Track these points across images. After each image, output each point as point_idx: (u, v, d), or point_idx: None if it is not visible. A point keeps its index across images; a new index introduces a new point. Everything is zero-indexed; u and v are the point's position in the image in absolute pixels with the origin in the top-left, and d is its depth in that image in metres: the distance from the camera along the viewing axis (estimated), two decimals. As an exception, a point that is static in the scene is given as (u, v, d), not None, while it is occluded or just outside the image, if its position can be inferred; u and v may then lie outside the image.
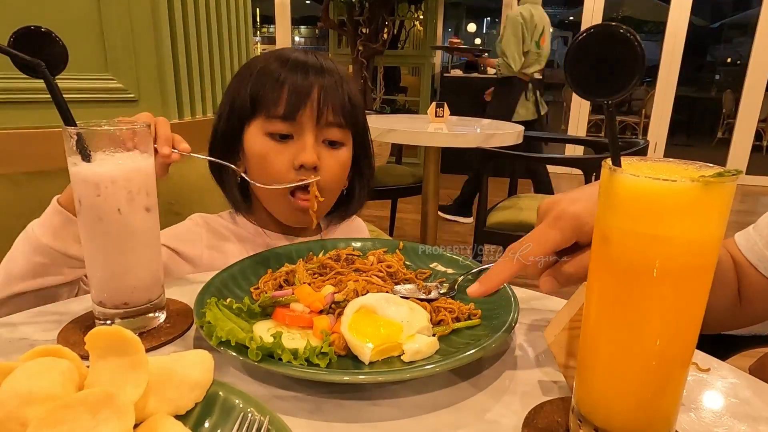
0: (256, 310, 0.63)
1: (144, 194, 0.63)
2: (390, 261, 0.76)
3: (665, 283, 0.39)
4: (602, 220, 0.42)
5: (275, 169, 0.89)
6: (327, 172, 0.91)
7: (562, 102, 7.77)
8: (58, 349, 0.42)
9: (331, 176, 0.92)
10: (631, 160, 0.43)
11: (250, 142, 0.91)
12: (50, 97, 0.61)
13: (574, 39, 0.43)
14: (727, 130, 6.72)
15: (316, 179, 0.88)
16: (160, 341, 0.63)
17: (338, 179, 0.95)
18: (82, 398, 0.37)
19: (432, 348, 0.58)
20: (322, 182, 0.90)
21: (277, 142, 0.89)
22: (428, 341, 0.58)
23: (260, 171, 0.91)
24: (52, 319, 0.68)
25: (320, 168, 0.89)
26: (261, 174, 0.90)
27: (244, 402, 0.45)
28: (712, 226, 0.38)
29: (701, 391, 0.56)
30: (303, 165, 0.88)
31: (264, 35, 11.03)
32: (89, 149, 0.59)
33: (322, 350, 0.54)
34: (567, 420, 0.49)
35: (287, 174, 0.89)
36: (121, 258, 0.63)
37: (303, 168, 0.88)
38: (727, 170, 0.37)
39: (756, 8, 5.38)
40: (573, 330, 0.58)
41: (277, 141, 0.89)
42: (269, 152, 0.89)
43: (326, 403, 0.53)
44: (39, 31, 0.62)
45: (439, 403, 0.53)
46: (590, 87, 0.43)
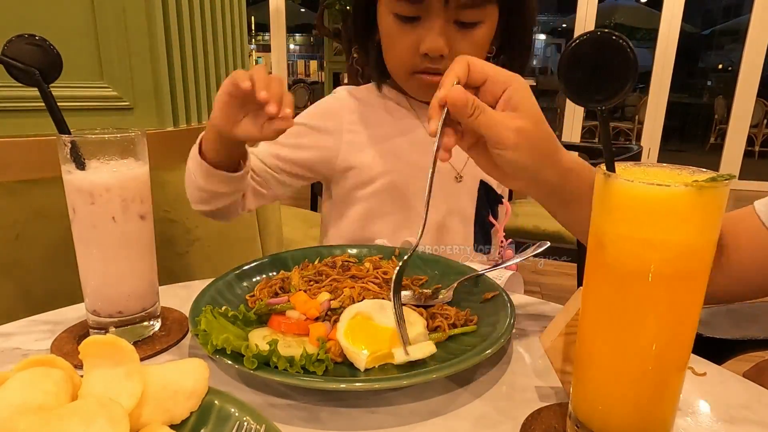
0: (252, 318, 0.62)
1: (138, 202, 0.63)
2: (386, 267, 0.76)
3: (660, 288, 0.40)
4: (597, 225, 0.42)
5: (398, 53, 0.86)
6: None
7: (556, 108, 7.81)
8: (52, 358, 0.41)
9: None
10: (625, 166, 0.43)
11: (380, 19, 0.88)
12: (44, 105, 0.61)
13: (567, 46, 0.43)
14: (720, 136, 6.77)
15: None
16: (155, 350, 0.63)
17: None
18: (75, 408, 0.37)
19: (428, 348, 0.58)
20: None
21: (403, 24, 0.84)
22: (423, 347, 0.58)
23: (387, 49, 0.89)
24: (46, 329, 0.68)
25: (449, 55, 0.83)
26: (386, 53, 0.89)
27: (239, 411, 0.44)
28: (705, 231, 0.39)
29: (697, 395, 0.56)
30: (427, 52, 0.82)
31: (259, 43, 11.05)
32: (83, 157, 0.59)
33: (318, 358, 0.53)
34: (564, 425, 0.49)
35: (411, 60, 0.85)
36: (115, 266, 0.63)
37: (427, 55, 0.83)
38: (720, 175, 0.38)
39: (746, 15, 5.44)
40: (569, 335, 0.59)
41: (402, 22, 0.84)
42: (393, 34, 0.85)
43: (322, 411, 0.52)
44: (33, 40, 0.61)
45: (435, 410, 0.53)
46: (584, 93, 0.44)
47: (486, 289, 0.72)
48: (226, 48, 1.43)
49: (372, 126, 0.96)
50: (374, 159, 0.94)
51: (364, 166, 0.95)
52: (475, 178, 0.97)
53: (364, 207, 0.96)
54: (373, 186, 0.95)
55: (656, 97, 5.80)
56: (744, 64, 5.46)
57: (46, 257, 1.05)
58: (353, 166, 0.95)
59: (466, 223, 0.98)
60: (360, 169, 0.95)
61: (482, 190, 0.98)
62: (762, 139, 7.13)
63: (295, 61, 13.36)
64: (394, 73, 0.93)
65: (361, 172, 0.95)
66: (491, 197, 0.99)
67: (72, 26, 1.05)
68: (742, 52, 5.44)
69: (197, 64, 1.30)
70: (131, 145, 0.62)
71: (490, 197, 0.99)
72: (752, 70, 5.46)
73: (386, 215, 0.95)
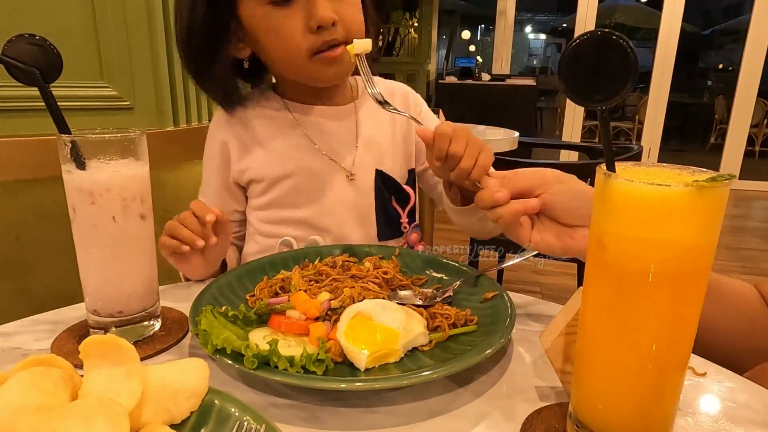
0: (252, 318, 0.63)
1: (139, 201, 0.63)
2: (386, 267, 0.76)
3: (660, 288, 0.40)
4: (597, 224, 0.42)
5: (289, 38, 0.81)
6: (348, 21, 0.82)
7: (557, 108, 7.81)
8: (52, 358, 0.41)
9: (353, 25, 0.83)
10: (625, 166, 0.43)
11: (250, 19, 0.82)
12: (45, 105, 0.61)
13: (567, 45, 0.43)
14: (720, 136, 6.77)
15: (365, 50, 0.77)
16: (155, 350, 0.63)
17: (360, 25, 0.86)
18: (75, 408, 0.37)
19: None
20: (346, 35, 0.82)
21: (281, 7, 0.80)
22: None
23: (273, 47, 0.84)
24: (46, 329, 0.68)
25: (339, 21, 0.81)
26: (275, 50, 0.84)
27: (240, 410, 0.44)
28: (706, 231, 0.39)
29: (698, 395, 0.56)
30: (320, 24, 0.79)
31: (259, 43, 11.04)
32: (84, 157, 0.59)
33: (318, 357, 0.53)
34: (564, 425, 0.49)
35: (305, 40, 0.81)
36: (115, 266, 0.63)
37: (321, 28, 0.80)
38: (720, 175, 0.38)
39: (746, 15, 5.44)
40: (569, 335, 0.59)
41: (280, 6, 0.80)
42: (276, 25, 0.81)
43: (323, 410, 0.52)
44: (33, 39, 0.61)
45: (436, 410, 0.53)
46: (584, 93, 0.43)
47: (486, 289, 0.72)
48: (227, 48, 1.43)
49: (254, 136, 0.94)
50: (263, 167, 0.92)
51: (257, 175, 0.93)
52: (369, 169, 0.95)
53: (264, 214, 0.95)
54: (270, 194, 0.93)
55: (656, 96, 5.80)
56: (744, 64, 5.46)
57: (46, 257, 1.05)
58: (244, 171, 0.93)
59: (367, 219, 0.95)
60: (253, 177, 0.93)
61: (378, 180, 0.95)
62: (762, 139, 7.12)
63: (296, 61, 13.28)
64: (290, 64, 0.86)
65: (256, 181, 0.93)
66: (390, 185, 0.97)
67: (72, 26, 1.05)
68: (743, 52, 5.44)
69: (197, 63, 1.29)
70: (131, 144, 0.62)
71: (390, 185, 0.97)
72: (753, 69, 5.46)
73: (285, 220, 0.93)
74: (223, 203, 0.96)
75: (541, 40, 13.97)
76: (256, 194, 0.95)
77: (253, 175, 0.93)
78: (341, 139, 0.95)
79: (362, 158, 0.95)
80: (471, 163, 0.71)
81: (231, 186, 0.96)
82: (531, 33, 13.70)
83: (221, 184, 0.97)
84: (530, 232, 0.65)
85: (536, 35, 13.86)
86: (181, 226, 0.76)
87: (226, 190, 0.97)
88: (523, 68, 12.19)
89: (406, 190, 0.99)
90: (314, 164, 0.93)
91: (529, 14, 13.22)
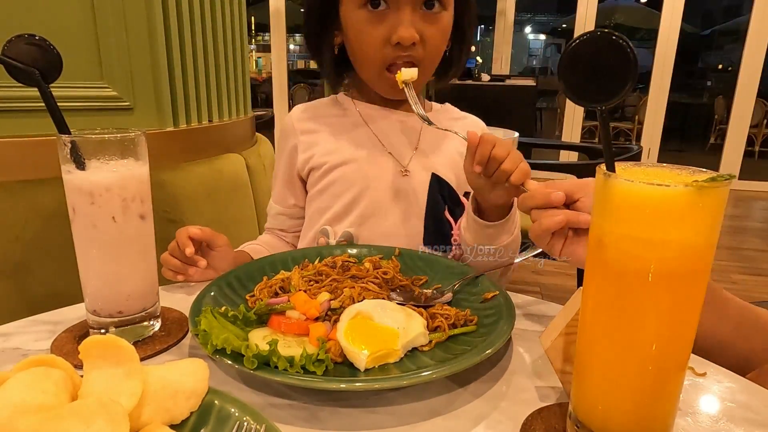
0: (252, 318, 0.62)
1: (138, 202, 0.63)
2: (386, 267, 0.76)
3: (660, 287, 0.40)
4: (597, 224, 0.42)
5: (368, 44, 0.86)
6: (428, 45, 0.87)
7: (556, 108, 7.81)
8: (52, 358, 0.41)
9: (433, 49, 0.88)
10: (625, 166, 0.43)
11: (346, 15, 0.88)
12: (44, 105, 0.61)
13: (567, 46, 0.43)
14: (720, 136, 6.77)
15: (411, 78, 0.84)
16: (155, 350, 0.63)
17: (440, 50, 0.91)
18: (75, 408, 0.37)
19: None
20: (424, 58, 0.87)
21: (372, 16, 0.85)
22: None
23: (355, 45, 0.89)
24: (46, 329, 0.68)
25: (419, 42, 0.85)
26: (355, 49, 0.89)
27: (239, 411, 0.44)
28: (705, 230, 0.39)
29: (698, 395, 0.56)
30: (399, 42, 0.83)
31: (259, 43, 11.05)
32: (83, 157, 0.59)
33: (318, 357, 0.53)
34: (564, 425, 0.49)
35: (382, 50, 0.85)
36: (115, 266, 0.63)
37: (399, 45, 0.84)
38: (719, 175, 0.38)
39: (746, 15, 5.44)
40: (569, 335, 0.59)
41: (371, 15, 0.85)
42: (363, 28, 0.86)
43: (322, 410, 0.52)
44: (33, 40, 0.62)
45: (436, 410, 0.53)
46: (584, 93, 0.44)
47: (486, 289, 0.72)
48: (226, 48, 1.43)
49: (320, 128, 0.99)
50: (324, 155, 0.96)
51: (317, 162, 0.97)
52: (425, 170, 0.96)
53: (316, 203, 0.98)
54: (324, 180, 0.96)
55: (656, 97, 5.80)
56: (744, 64, 5.46)
57: (46, 257, 1.05)
58: (307, 161, 0.98)
59: (414, 218, 0.95)
60: (314, 164, 0.97)
61: (434, 184, 0.96)
62: (762, 139, 7.12)
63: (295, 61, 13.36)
64: (366, 68, 0.92)
65: (316, 169, 0.97)
66: (447, 193, 0.97)
67: (72, 26, 1.05)
68: (742, 52, 5.44)
69: (197, 64, 1.30)
70: (131, 145, 0.62)
71: (445, 192, 0.97)
72: (752, 70, 5.45)
73: (330, 207, 0.96)
74: (283, 197, 1.04)
75: (540, 41, 13.98)
76: (313, 182, 0.98)
77: (314, 163, 0.97)
78: (403, 142, 0.98)
79: (420, 159, 0.98)
80: (513, 166, 0.72)
81: (294, 179, 1.01)
82: (531, 33, 13.71)
83: (285, 179, 1.03)
84: (563, 243, 0.63)
85: (536, 36, 13.87)
86: (170, 258, 0.81)
87: (288, 184, 1.03)
88: (522, 69, 12.19)
89: (464, 202, 0.98)
90: (371, 154, 0.96)
91: (528, 15, 13.22)
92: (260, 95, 8.46)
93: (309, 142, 0.99)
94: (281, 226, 1.06)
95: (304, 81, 9.37)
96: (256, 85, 9.06)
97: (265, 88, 7.98)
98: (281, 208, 1.05)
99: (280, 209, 1.05)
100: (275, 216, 1.06)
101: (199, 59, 1.30)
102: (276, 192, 1.06)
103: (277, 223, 1.06)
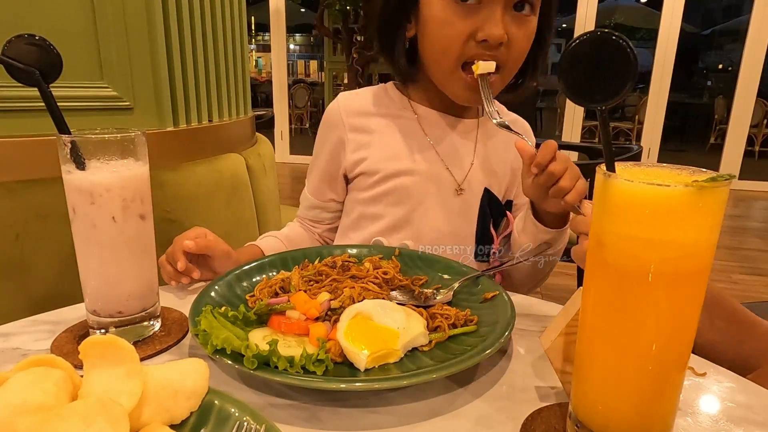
0: (252, 318, 0.62)
1: (138, 202, 0.63)
2: (386, 267, 0.76)
3: (660, 287, 0.40)
4: (597, 224, 0.42)
5: (450, 37, 0.80)
6: (514, 48, 0.82)
7: (556, 108, 7.80)
8: (52, 358, 0.41)
9: (518, 53, 0.83)
10: (625, 166, 0.43)
11: (428, 5, 0.82)
12: (44, 105, 0.61)
13: (567, 46, 0.43)
14: (720, 136, 6.77)
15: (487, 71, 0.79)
16: (155, 350, 0.63)
17: (524, 54, 0.85)
18: (75, 408, 0.37)
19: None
20: (508, 60, 0.82)
21: (460, 8, 0.79)
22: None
23: (433, 38, 0.83)
24: (46, 329, 0.68)
25: (506, 43, 0.80)
26: (433, 42, 0.83)
27: (239, 411, 0.44)
28: (705, 231, 0.39)
29: (698, 395, 0.56)
30: (487, 39, 0.78)
31: (259, 43, 11.07)
32: (83, 157, 0.59)
33: (318, 358, 0.53)
34: (564, 425, 0.49)
35: (464, 46, 0.80)
36: (115, 266, 0.63)
37: (486, 42, 0.79)
38: (719, 175, 0.38)
39: (746, 15, 5.44)
40: (569, 335, 0.58)
41: (459, 7, 0.79)
42: (447, 20, 0.80)
43: (322, 411, 0.52)
44: (33, 40, 0.62)
45: (436, 410, 0.53)
46: (584, 93, 0.43)
47: (486, 289, 0.72)
48: (226, 48, 1.43)
49: (373, 128, 0.95)
50: (379, 161, 0.93)
51: (370, 168, 0.93)
52: (479, 186, 0.95)
53: (367, 209, 0.95)
54: (378, 188, 0.93)
55: (656, 97, 5.79)
56: (744, 64, 5.46)
57: (46, 257, 1.05)
58: (358, 163, 0.94)
59: (465, 235, 0.95)
60: (366, 169, 0.94)
61: (485, 200, 0.95)
62: (762, 139, 7.13)
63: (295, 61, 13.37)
64: (440, 64, 0.86)
65: (368, 174, 0.94)
66: (494, 207, 0.97)
67: (72, 26, 1.05)
68: (742, 52, 5.44)
69: (197, 64, 1.30)
70: (131, 145, 0.62)
71: (493, 207, 0.96)
72: (752, 70, 5.45)
73: (385, 217, 0.94)
74: (320, 191, 1.00)
75: (540, 41, 13.95)
76: (364, 187, 0.94)
77: (366, 168, 0.93)
78: (460, 151, 0.95)
79: (475, 175, 0.95)
80: (571, 184, 0.71)
81: (336, 176, 0.97)
82: (531, 33, 13.68)
83: (324, 173, 0.99)
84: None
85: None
86: (166, 263, 0.80)
87: (327, 180, 0.99)
88: (522, 68, 12.17)
89: (509, 216, 0.97)
90: (430, 168, 0.93)
91: (528, 14, 13.20)
92: (260, 95, 8.47)
93: (360, 141, 0.94)
94: (315, 218, 1.03)
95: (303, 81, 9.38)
96: (256, 84, 9.07)
97: (265, 87, 7.99)
98: (317, 201, 1.01)
99: (316, 202, 1.01)
100: (309, 208, 1.02)
101: (199, 59, 1.30)
102: (313, 184, 1.01)
103: (310, 215, 1.03)
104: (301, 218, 1.05)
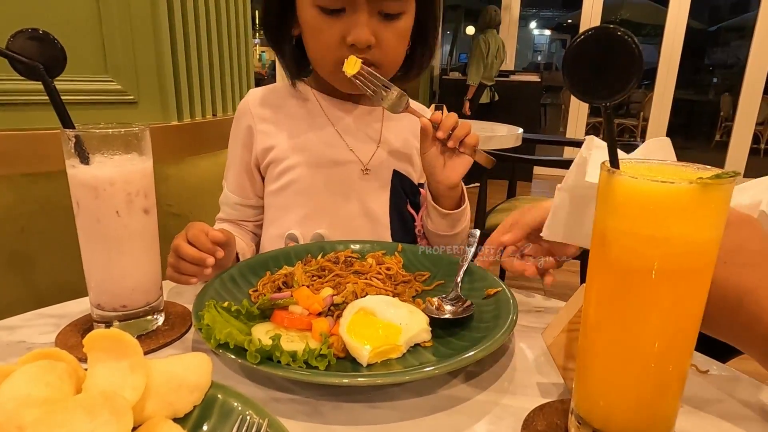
0: (255, 313, 0.63)
1: (142, 196, 0.63)
2: (389, 263, 0.76)
3: (663, 284, 0.40)
4: (600, 221, 0.42)
5: (324, 46, 0.85)
6: (385, 48, 0.86)
7: (561, 104, 7.77)
8: (56, 351, 0.42)
9: (390, 51, 0.87)
10: (629, 162, 0.43)
11: (301, 13, 0.87)
12: (48, 99, 0.61)
13: (572, 41, 0.43)
14: (725, 133, 6.73)
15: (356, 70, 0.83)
16: (158, 344, 0.63)
17: (397, 53, 0.90)
18: (80, 401, 0.37)
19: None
20: (382, 59, 0.86)
21: (327, 16, 0.83)
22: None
23: (311, 43, 0.88)
24: (50, 322, 0.68)
25: (375, 45, 0.84)
26: (310, 46, 0.89)
27: (242, 405, 0.45)
28: (709, 228, 0.39)
29: (700, 392, 0.56)
30: (354, 44, 0.83)
31: (262, 38, 11.04)
32: (87, 151, 0.59)
33: (320, 352, 0.53)
34: (566, 422, 0.49)
35: (337, 50, 0.84)
36: (119, 260, 0.63)
37: (354, 47, 0.83)
38: (724, 172, 0.38)
39: (753, 11, 5.40)
40: (572, 332, 0.59)
41: (326, 15, 0.83)
42: (318, 27, 0.84)
43: (325, 405, 0.53)
44: (37, 34, 0.62)
45: (437, 406, 0.53)
46: (588, 89, 0.43)
47: (488, 285, 0.72)
48: (231, 42, 1.43)
49: (282, 120, 0.97)
50: (286, 150, 0.95)
51: (278, 156, 0.94)
52: (386, 167, 0.97)
53: (278, 200, 0.96)
54: (285, 177, 0.94)
55: (662, 93, 5.76)
56: (751, 61, 5.42)
57: (50, 251, 1.05)
58: (267, 151, 0.95)
59: (379, 216, 0.96)
60: (274, 158, 0.95)
61: (396, 181, 0.97)
62: (768, 136, 7.08)
63: (299, 56, 13.26)
64: (320, 66, 0.91)
65: (276, 163, 0.95)
66: (407, 187, 0.99)
67: (76, 20, 1.05)
68: (749, 49, 5.40)
69: (201, 58, 1.30)
70: (135, 139, 0.62)
71: (406, 186, 0.98)
72: (759, 67, 5.41)
73: (296, 208, 0.94)
74: (242, 187, 0.99)
75: (545, 36, 13.89)
76: (273, 178, 0.96)
77: (274, 157, 0.95)
78: (365, 137, 0.98)
79: (381, 157, 0.97)
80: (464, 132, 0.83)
81: (251, 169, 0.98)
82: (536, 29, 13.63)
83: (242, 167, 0.99)
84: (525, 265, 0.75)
85: (541, 31, 13.78)
86: (186, 263, 0.73)
87: (246, 173, 0.99)
88: (527, 64, 12.13)
89: (423, 193, 0.99)
90: (335, 154, 0.95)
91: (533, 10, 13.14)
92: (264, 90, 8.45)
93: (268, 131, 0.96)
94: (242, 217, 1.01)
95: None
96: (259, 79, 9.05)
97: (269, 82, 7.98)
98: (240, 198, 1.00)
99: (239, 200, 1.00)
100: (234, 206, 1.00)
101: (203, 53, 1.30)
102: (232, 181, 1.00)
103: (237, 214, 1.00)
104: (225, 220, 1.02)
